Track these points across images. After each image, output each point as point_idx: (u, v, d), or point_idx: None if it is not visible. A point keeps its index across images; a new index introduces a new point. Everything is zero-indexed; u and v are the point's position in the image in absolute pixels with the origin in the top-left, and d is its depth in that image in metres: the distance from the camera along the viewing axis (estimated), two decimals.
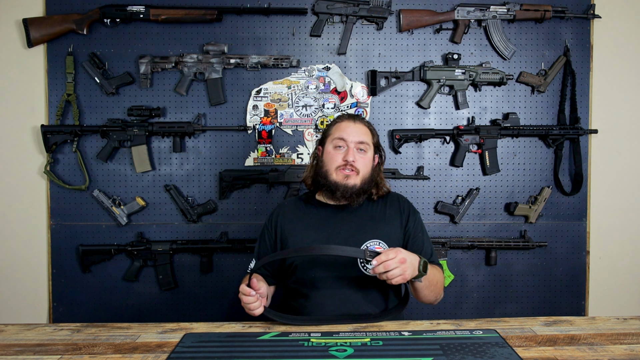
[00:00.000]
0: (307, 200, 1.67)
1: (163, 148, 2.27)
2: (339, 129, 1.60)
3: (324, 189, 1.59)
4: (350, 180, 1.55)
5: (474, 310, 2.33)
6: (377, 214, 1.62)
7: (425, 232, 1.64)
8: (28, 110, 2.25)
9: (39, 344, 1.26)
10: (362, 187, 1.56)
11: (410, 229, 1.61)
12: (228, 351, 1.20)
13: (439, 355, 1.16)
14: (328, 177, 1.57)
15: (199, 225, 2.28)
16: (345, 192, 1.55)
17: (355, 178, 1.55)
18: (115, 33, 2.23)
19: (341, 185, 1.55)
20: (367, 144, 1.58)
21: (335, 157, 1.57)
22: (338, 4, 2.22)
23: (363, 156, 1.58)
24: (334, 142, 1.59)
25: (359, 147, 1.57)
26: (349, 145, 1.56)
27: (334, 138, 1.59)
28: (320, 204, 1.63)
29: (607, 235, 2.36)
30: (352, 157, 1.55)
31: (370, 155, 1.61)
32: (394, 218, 1.61)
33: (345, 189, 1.55)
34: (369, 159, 1.60)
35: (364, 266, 1.53)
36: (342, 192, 1.55)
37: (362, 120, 1.63)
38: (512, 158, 2.31)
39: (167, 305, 2.29)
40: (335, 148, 1.58)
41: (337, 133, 1.59)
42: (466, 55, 2.28)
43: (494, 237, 2.31)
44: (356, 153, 1.56)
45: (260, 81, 2.26)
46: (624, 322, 1.41)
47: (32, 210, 2.27)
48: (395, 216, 1.62)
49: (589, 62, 2.31)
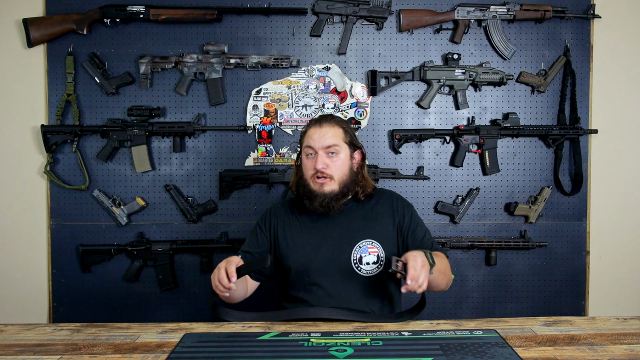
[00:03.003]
0: (298, 204, 1.65)
1: (163, 148, 2.27)
2: (307, 136, 1.58)
3: (305, 198, 1.57)
4: (326, 187, 1.53)
5: (474, 310, 2.33)
6: (369, 213, 1.61)
7: (421, 223, 1.63)
8: (28, 110, 2.25)
9: (39, 344, 1.26)
10: (341, 190, 1.55)
11: (408, 225, 1.60)
12: (228, 351, 1.20)
13: (439, 355, 1.16)
14: (307, 187, 1.56)
15: (199, 225, 2.28)
16: (323, 200, 1.53)
17: (331, 184, 1.54)
18: (115, 33, 2.23)
19: (319, 193, 1.53)
20: (336, 146, 1.55)
21: (308, 166, 1.56)
22: (338, 4, 2.22)
23: (335, 159, 1.55)
24: (305, 150, 1.58)
25: (329, 151, 1.54)
26: (317, 152, 1.54)
27: (304, 147, 1.58)
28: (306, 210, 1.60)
29: (607, 235, 2.36)
30: (322, 164, 1.52)
31: (344, 155, 1.57)
32: (385, 217, 1.60)
33: (323, 197, 1.53)
34: (343, 160, 1.56)
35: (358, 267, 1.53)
36: (320, 201, 1.53)
37: (330, 120, 1.59)
38: (512, 158, 2.31)
39: (167, 305, 2.29)
40: (307, 157, 1.57)
41: (306, 141, 1.58)
42: (466, 55, 2.28)
43: (494, 237, 2.31)
44: (326, 159, 1.53)
45: (260, 81, 2.26)
46: (624, 322, 1.41)
47: (32, 210, 2.26)
48: (387, 215, 1.61)
49: (589, 62, 2.31)
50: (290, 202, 1.69)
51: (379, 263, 1.53)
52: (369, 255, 1.53)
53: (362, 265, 1.52)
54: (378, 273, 1.53)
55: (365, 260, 1.52)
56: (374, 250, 1.53)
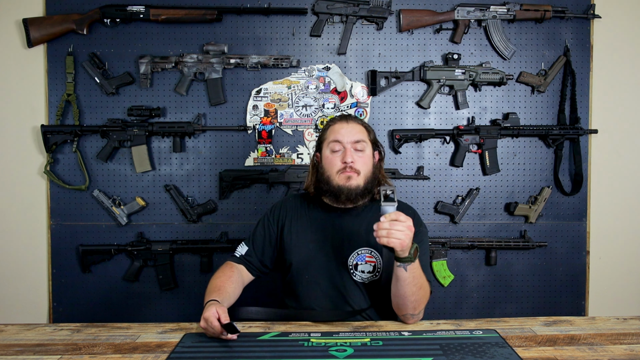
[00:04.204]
0: (312, 200, 1.63)
1: (163, 148, 2.27)
2: (333, 131, 1.57)
3: (328, 195, 1.56)
4: (352, 182, 1.51)
5: (474, 310, 2.33)
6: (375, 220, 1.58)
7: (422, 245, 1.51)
8: (28, 110, 2.25)
9: (39, 344, 1.26)
10: (365, 186, 1.53)
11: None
12: (228, 351, 1.20)
13: (439, 355, 1.16)
14: (330, 183, 1.53)
15: (199, 225, 2.28)
16: (350, 194, 1.51)
17: (358, 178, 1.52)
18: (115, 33, 2.23)
19: (344, 188, 1.51)
20: (364, 142, 1.55)
21: (333, 160, 1.54)
22: (338, 4, 2.22)
23: (362, 155, 1.54)
24: (330, 145, 1.55)
25: (356, 146, 1.54)
26: (345, 147, 1.53)
27: (330, 142, 1.56)
28: (325, 206, 1.59)
29: (607, 235, 2.36)
30: (351, 157, 1.52)
31: (369, 152, 1.57)
32: None
33: (349, 191, 1.51)
34: (368, 156, 1.57)
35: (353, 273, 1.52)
36: (347, 195, 1.52)
37: (354, 118, 1.60)
38: (512, 158, 2.31)
39: (167, 306, 2.29)
40: (333, 152, 1.55)
41: (332, 136, 1.56)
42: (466, 55, 2.28)
43: (494, 237, 2.31)
44: (354, 153, 1.53)
45: (260, 81, 2.26)
46: (624, 322, 1.41)
47: (32, 210, 2.26)
48: None
49: (589, 62, 2.31)
50: (302, 196, 1.68)
51: (375, 273, 1.52)
52: (365, 264, 1.51)
53: (358, 272, 1.52)
54: (373, 281, 1.53)
55: (360, 268, 1.52)
56: (372, 260, 1.52)
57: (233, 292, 1.48)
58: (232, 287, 1.48)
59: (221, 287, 1.46)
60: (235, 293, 1.50)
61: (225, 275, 1.52)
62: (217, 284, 1.47)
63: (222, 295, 1.42)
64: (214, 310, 1.27)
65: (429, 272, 1.57)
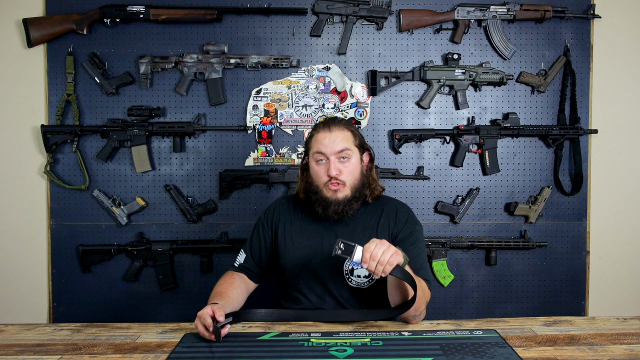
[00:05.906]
0: (304, 205, 1.62)
1: (163, 148, 2.27)
2: (316, 141, 1.54)
3: (317, 205, 1.53)
4: (339, 194, 1.50)
5: (474, 310, 2.33)
6: (370, 223, 1.57)
7: (418, 244, 1.54)
8: (28, 110, 2.25)
9: (39, 344, 1.26)
10: (354, 195, 1.52)
11: (402, 238, 1.54)
12: (228, 351, 1.20)
13: (439, 355, 1.16)
14: (319, 194, 1.52)
15: (199, 225, 2.28)
16: (338, 207, 1.50)
17: (344, 190, 1.51)
18: (115, 33, 2.23)
19: (332, 200, 1.50)
20: (348, 150, 1.52)
21: (319, 173, 1.52)
22: (338, 4, 2.22)
23: (347, 164, 1.52)
24: (314, 156, 1.54)
25: (340, 156, 1.51)
26: (329, 158, 1.50)
27: (314, 152, 1.54)
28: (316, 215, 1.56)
29: (607, 235, 2.36)
30: (335, 170, 1.49)
31: (355, 159, 1.54)
32: (385, 229, 1.56)
33: (337, 203, 1.50)
34: (354, 164, 1.54)
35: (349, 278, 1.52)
36: (335, 208, 1.50)
37: (338, 124, 1.56)
38: (512, 158, 2.31)
39: (167, 305, 2.29)
40: (318, 163, 1.53)
41: (316, 147, 1.53)
42: (466, 55, 2.28)
43: (494, 237, 2.31)
44: (338, 164, 1.51)
45: (260, 81, 2.26)
46: (624, 322, 1.41)
47: (32, 210, 2.26)
48: (387, 227, 1.57)
49: (589, 62, 2.31)
50: (294, 200, 1.66)
51: (370, 277, 1.51)
52: (361, 269, 1.48)
53: (353, 277, 1.51)
54: (369, 286, 1.52)
55: (356, 272, 1.51)
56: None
57: (236, 297, 1.48)
58: (234, 292, 1.48)
59: (223, 292, 1.46)
60: (238, 299, 1.50)
61: (226, 282, 1.53)
62: (219, 290, 1.48)
63: (224, 299, 1.42)
64: (209, 309, 1.27)
65: (428, 271, 1.56)
